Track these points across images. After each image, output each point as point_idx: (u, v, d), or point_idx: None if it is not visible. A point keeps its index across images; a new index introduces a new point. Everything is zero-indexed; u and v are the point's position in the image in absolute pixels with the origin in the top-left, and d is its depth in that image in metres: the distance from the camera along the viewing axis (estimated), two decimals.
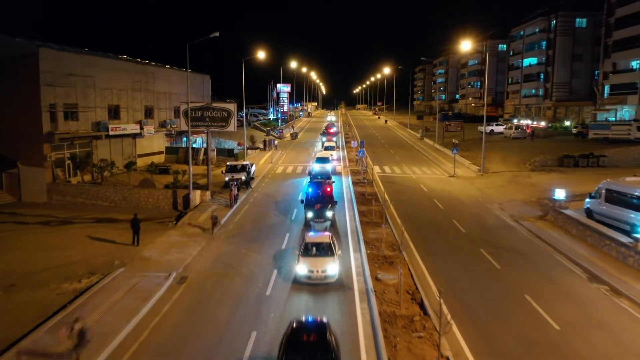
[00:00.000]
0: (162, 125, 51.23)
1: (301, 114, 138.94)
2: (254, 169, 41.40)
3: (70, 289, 18.92)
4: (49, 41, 42.43)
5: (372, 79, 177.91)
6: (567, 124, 73.85)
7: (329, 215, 25.83)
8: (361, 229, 25.82)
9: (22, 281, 19.92)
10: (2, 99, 35.38)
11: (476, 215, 29.72)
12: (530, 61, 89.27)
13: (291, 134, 76.12)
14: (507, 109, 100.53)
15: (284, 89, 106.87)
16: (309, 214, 26.09)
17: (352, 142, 58.06)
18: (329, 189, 27.85)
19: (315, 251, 19.20)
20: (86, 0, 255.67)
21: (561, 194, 27.44)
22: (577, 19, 79.38)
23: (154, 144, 50.77)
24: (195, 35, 33.57)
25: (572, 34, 79.80)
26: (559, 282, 19.37)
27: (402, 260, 21.30)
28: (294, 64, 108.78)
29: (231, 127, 36.37)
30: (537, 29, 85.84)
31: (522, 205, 31.42)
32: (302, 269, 18.56)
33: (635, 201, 22.76)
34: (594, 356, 14.06)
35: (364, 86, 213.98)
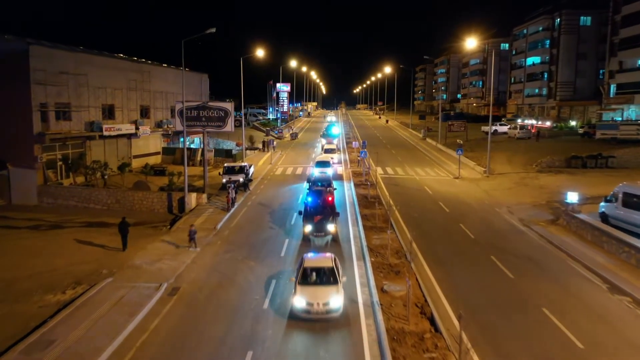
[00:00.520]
0: (159, 125, 49.92)
1: (301, 114, 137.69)
2: (252, 170, 40.16)
3: (53, 301, 17.68)
4: (48, 41, 41.14)
5: (373, 79, 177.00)
6: (572, 123, 72.62)
7: (331, 228, 23.03)
8: (364, 235, 24.42)
9: (4, 291, 18.73)
10: None
11: (484, 219, 28.43)
12: (533, 60, 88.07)
13: (291, 134, 74.93)
14: (509, 109, 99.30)
15: (283, 88, 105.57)
16: (308, 228, 23.10)
17: (354, 143, 56.64)
18: (330, 199, 24.72)
19: (315, 278, 16.43)
20: (86, 0, 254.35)
21: (574, 197, 26.10)
22: (582, 17, 78.37)
23: (150, 144, 49.46)
24: (194, 34, 32.24)
25: (576, 32, 78.70)
26: (577, 293, 18.07)
27: (409, 269, 20.01)
28: (293, 64, 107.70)
29: (228, 127, 35.00)
30: (541, 28, 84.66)
31: (531, 208, 30.12)
32: (299, 301, 15.55)
33: None
34: None
35: (364, 86, 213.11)
